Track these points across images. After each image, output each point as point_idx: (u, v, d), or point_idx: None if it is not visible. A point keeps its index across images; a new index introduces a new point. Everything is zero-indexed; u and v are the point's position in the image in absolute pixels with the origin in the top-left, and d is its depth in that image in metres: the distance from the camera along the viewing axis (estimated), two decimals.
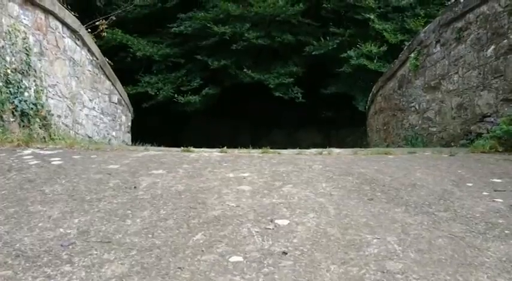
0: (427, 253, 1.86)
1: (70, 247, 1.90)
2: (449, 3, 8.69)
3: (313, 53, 12.33)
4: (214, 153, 3.93)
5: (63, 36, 5.52)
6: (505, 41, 4.37)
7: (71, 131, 5.64)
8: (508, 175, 3.11)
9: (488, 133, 4.43)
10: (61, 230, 2.08)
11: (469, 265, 1.76)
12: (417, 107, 6.56)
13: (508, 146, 4.00)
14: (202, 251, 1.87)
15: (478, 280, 1.65)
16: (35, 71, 4.64)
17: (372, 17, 11.62)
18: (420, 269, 1.72)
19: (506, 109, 4.32)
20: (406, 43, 8.65)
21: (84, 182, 2.80)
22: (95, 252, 1.85)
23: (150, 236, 2.02)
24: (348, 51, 11.66)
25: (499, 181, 2.97)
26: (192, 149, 4.11)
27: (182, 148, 4.17)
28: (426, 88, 6.22)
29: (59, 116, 5.29)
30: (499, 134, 4.08)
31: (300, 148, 4.31)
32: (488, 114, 4.66)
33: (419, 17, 11.53)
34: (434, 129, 5.98)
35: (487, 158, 3.75)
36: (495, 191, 2.73)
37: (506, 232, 2.09)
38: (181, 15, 12.97)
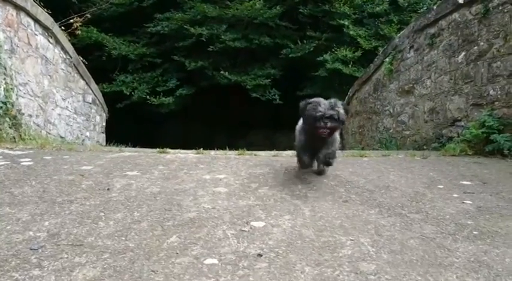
0: (399, 254, 1.90)
1: (39, 250, 1.85)
2: (421, 11, 8.93)
3: (290, 55, 12.44)
4: (191, 154, 3.89)
5: (35, 34, 5.37)
6: (475, 47, 4.51)
7: (42, 131, 5.49)
8: (477, 177, 3.21)
9: (458, 137, 4.56)
10: (30, 233, 2.02)
11: (439, 265, 1.81)
12: (391, 111, 6.69)
13: (478, 150, 4.12)
14: (177, 253, 1.85)
15: (448, 279, 1.69)
16: (5, 69, 4.49)
17: (347, 23, 11.84)
18: (392, 269, 1.75)
19: (475, 114, 4.46)
20: (380, 49, 8.84)
21: (55, 184, 2.73)
22: (66, 255, 1.81)
23: (123, 238, 1.98)
24: (324, 55, 11.83)
25: (468, 183, 3.05)
26: (167, 150, 4.07)
27: (158, 149, 4.12)
28: (400, 92, 6.35)
29: (30, 116, 5.14)
30: (469, 138, 4.20)
31: (276, 150, 4.32)
32: (459, 118, 4.79)
33: (393, 24, 11.80)
34: (408, 132, 6.11)
35: (458, 161, 3.86)
36: (465, 193, 2.80)
37: (474, 232, 2.15)
38: (158, 15, 12.85)
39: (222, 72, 12.41)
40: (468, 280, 1.69)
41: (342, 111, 2.67)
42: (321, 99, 2.69)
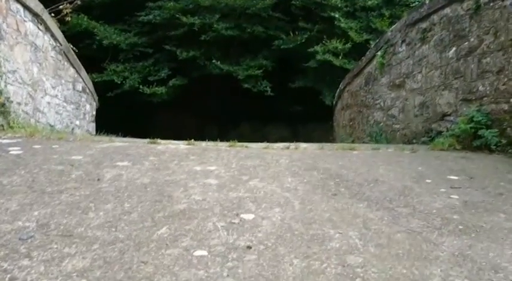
0: (386, 247, 1.93)
1: (29, 240, 1.85)
2: (413, 5, 8.95)
3: (282, 47, 12.41)
4: (181, 145, 3.89)
5: (24, 20, 5.28)
6: (466, 43, 4.54)
7: (31, 119, 5.42)
8: (464, 172, 3.25)
9: (447, 131, 4.61)
10: (19, 223, 2.01)
11: (425, 258, 1.84)
12: (382, 104, 6.73)
13: (466, 145, 4.18)
14: (167, 245, 1.86)
15: (432, 273, 1.73)
16: None
17: (338, 15, 11.84)
18: (379, 263, 1.78)
19: (464, 109, 4.51)
20: (371, 42, 8.85)
21: (44, 173, 2.72)
22: (55, 246, 1.81)
23: (113, 229, 1.99)
24: (315, 46, 11.83)
25: (455, 178, 3.10)
26: (158, 141, 4.05)
27: (148, 139, 4.10)
28: (391, 86, 6.39)
29: (19, 104, 5.08)
30: (458, 133, 4.26)
31: (267, 142, 4.34)
32: (448, 113, 4.84)
33: (385, 18, 11.82)
34: (398, 126, 6.16)
35: (446, 155, 3.91)
36: (452, 188, 2.85)
37: (460, 227, 2.20)
38: (150, 4, 12.70)
39: (214, 61, 12.34)
40: (452, 274, 1.73)
41: None
42: None
